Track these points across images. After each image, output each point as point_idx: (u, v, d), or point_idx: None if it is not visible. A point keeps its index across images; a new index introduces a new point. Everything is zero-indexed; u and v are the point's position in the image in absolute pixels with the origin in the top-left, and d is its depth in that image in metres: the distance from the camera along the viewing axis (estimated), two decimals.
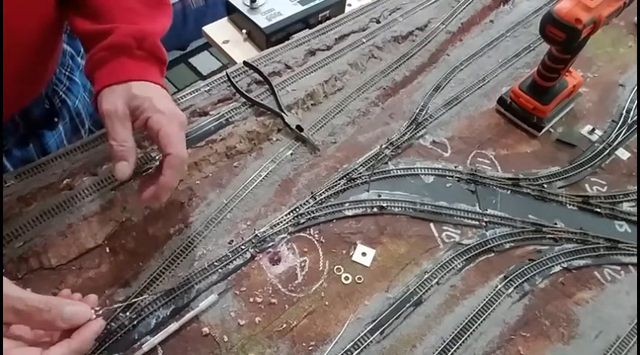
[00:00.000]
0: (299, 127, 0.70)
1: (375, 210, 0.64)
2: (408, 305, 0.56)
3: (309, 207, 0.63)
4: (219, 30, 1.14)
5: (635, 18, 0.95)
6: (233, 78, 0.75)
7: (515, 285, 0.59)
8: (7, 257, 0.54)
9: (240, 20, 1.11)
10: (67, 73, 0.70)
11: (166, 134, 0.48)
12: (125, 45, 0.52)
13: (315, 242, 0.60)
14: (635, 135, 0.77)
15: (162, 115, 0.49)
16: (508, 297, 0.58)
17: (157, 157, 0.64)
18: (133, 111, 0.50)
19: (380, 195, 0.65)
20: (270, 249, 0.59)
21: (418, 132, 0.73)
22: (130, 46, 0.52)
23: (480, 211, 0.65)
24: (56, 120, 0.69)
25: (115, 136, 0.49)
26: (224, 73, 0.75)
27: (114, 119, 0.49)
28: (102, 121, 0.50)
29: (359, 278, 0.58)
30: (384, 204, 0.64)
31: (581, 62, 0.84)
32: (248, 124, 0.69)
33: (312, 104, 0.75)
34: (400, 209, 0.64)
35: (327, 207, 0.63)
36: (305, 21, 1.09)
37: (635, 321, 0.58)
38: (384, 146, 0.71)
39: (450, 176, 0.69)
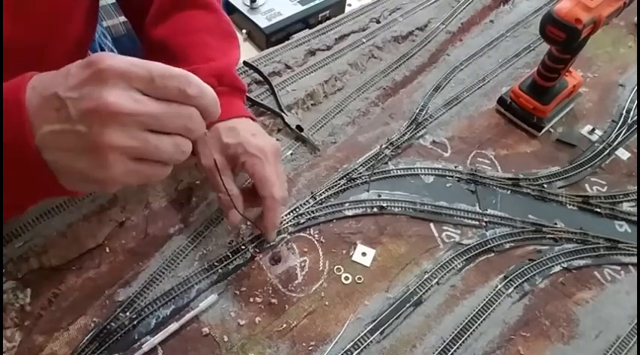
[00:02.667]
0: (299, 127, 0.70)
1: (375, 210, 0.64)
2: (408, 305, 0.56)
3: (309, 207, 0.63)
4: None
5: (635, 18, 0.95)
6: None
7: (515, 285, 0.59)
8: (7, 257, 0.54)
9: (240, 20, 1.11)
10: None
11: (260, 178, 0.51)
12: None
13: (315, 242, 0.60)
14: (635, 135, 0.77)
15: (256, 158, 0.51)
16: (508, 297, 0.58)
17: None
18: (231, 159, 0.52)
19: (380, 195, 0.65)
20: (270, 249, 0.59)
21: (418, 132, 0.73)
22: (211, 85, 0.53)
23: (480, 211, 0.65)
24: None
25: (219, 188, 0.51)
26: None
27: (215, 172, 0.50)
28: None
29: (359, 278, 0.58)
30: (384, 204, 0.64)
31: (581, 62, 0.84)
32: None
33: (312, 104, 0.75)
34: (400, 209, 0.64)
35: (327, 207, 0.63)
36: (305, 21, 1.09)
37: (635, 321, 0.58)
38: (384, 146, 0.71)
39: (450, 176, 0.69)
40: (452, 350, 0.53)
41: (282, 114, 0.71)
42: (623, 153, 0.75)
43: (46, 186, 0.35)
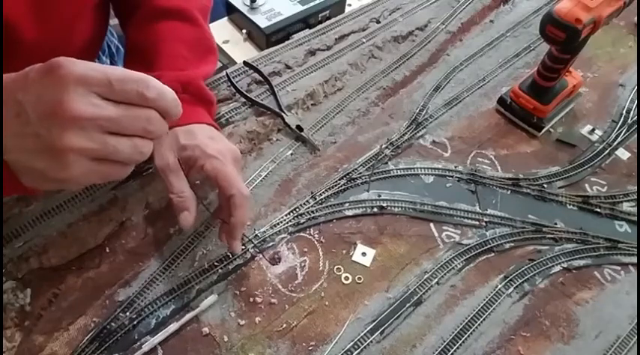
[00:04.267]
0: (299, 127, 0.70)
1: (375, 210, 0.64)
2: (408, 305, 0.56)
3: (309, 207, 0.63)
4: (219, 30, 1.14)
5: (635, 18, 0.95)
6: (233, 78, 0.75)
7: (515, 285, 0.59)
8: (7, 257, 0.54)
9: (240, 20, 1.11)
10: None
11: (224, 177, 0.50)
12: None
13: (315, 242, 0.60)
14: (635, 135, 0.77)
15: (215, 160, 0.51)
16: (508, 297, 0.58)
17: None
18: (186, 161, 0.51)
19: (380, 195, 0.65)
20: (270, 249, 0.59)
21: (418, 132, 0.73)
22: (175, 90, 0.54)
23: (480, 211, 0.65)
24: None
25: (171, 189, 0.50)
26: (224, 73, 0.75)
27: (167, 173, 0.50)
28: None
29: (359, 278, 0.58)
30: (384, 204, 0.64)
31: (581, 62, 0.84)
32: (248, 124, 0.69)
33: (312, 104, 0.75)
34: (400, 209, 0.64)
35: (327, 207, 0.63)
36: (305, 21, 1.09)
37: (635, 321, 0.58)
38: (384, 146, 0.71)
39: (450, 176, 0.69)
40: (452, 350, 0.53)
41: (282, 114, 0.71)
42: (623, 153, 0.75)
43: (8, 185, 0.36)
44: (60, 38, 0.52)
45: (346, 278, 0.58)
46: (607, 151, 0.75)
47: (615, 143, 0.76)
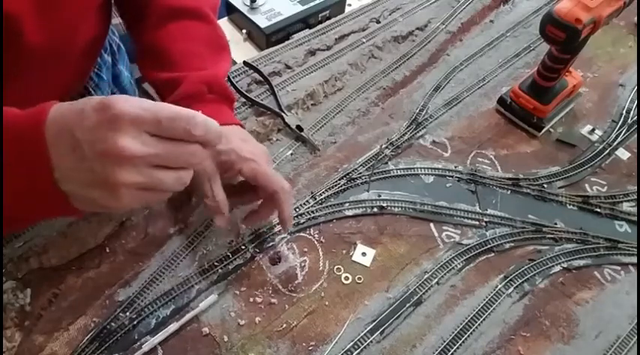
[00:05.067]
0: (299, 127, 0.70)
1: (375, 210, 0.64)
2: (408, 305, 0.56)
3: (309, 207, 0.63)
4: None
5: (635, 18, 0.95)
6: (233, 78, 0.75)
7: (515, 285, 0.59)
8: (7, 257, 0.54)
9: (240, 20, 1.11)
10: (96, 70, 0.72)
11: (263, 177, 0.52)
12: (197, 92, 0.56)
13: (315, 242, 0.60)
14: (635, 135, 0.77)
15: (252, 162, 0.52)
16: (508, 297, 0.58)
17: None
18: (222, 165, 0.52)
19: (380, 195, 0.65)
20: (270, 249, 0.59)
21: (418, 132, 0.73)
22: (201, 92, 0.56)
23: (480, 211, 0.65)
24: None
25: (208, 193, 0.52)
26: None
27: (203, 179, 0.51)
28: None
29: (359, 278, 0.58)
30: (384, 204, 0.64)
31: (581, 62, 0.84)
32: (248, 124, 0.69)
33: (312, 104, 0.75)
34: (400, 209, 0.64)
35: (327, 207, 0.63)
36: (305, 21, 1.09)
37: (635, 321, 0.58)
38: (384, 146, 0.71)
39: (450, 176, 0.69)
40: (452, 350, 0.53)
41: (282, 114, 0.71)
42: (623, 153, 0.75)
43: (59, 208, 0.39)
44: (63, 39, 0.53)
45: (346, 278, 0.58)
46: (607, 151, 0.75)
47: (615, 143, 0.76)
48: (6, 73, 0.47)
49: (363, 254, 0.60)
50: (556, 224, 0.66)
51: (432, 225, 0.63)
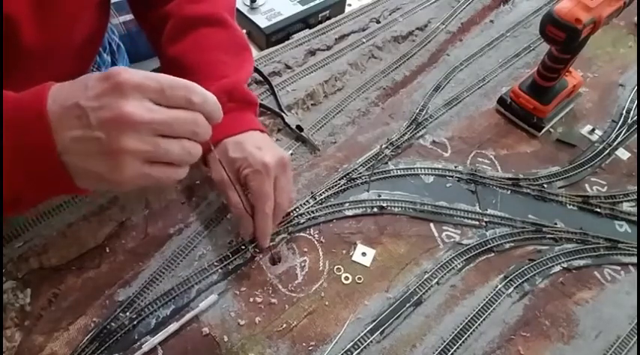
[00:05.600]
0: (299, 127, 0.70)
1: (375, 210, 0.64)
2: (408, 305, 0.56)
3: (309, 207, 0.63)
4: None
5: (635, 18, 0.95)
6: None
7: (515, 285, 0.59)
8: (7, 257, 0.54)
9: (240, 20, 1.11)
10: (94, 69, 0.72)
11: (256, 193, 0.53)
12: None
13: (315, 242, 0.60)
14: (635, 135, 0.77)
15: (257, 174, 0.53)
16: (508, 297, 0.58)
17: None
18: (236, 173, 0.54)
19: (380, 195, 0.65)
20: (270, 249, 0.59)
21: (418, 132, 0.73)
22: (221, 103, 0.55)
23: (480, 211, 0.65)
24: None
25: (229, 202, 0.54)
26: None
27: (224, 187, 0.54)
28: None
29: (359, 278, 0.58)
30: (384, 204, 0.64)
31: (581, 62, 0.84)
32: None
33: (312, 104, 0.75)
34: (400, 209, 0.64)
35: (327, 207, 0.63)
36: (305, 21, 1.09)
37: (635, 321, 0.58)
38: (384, 146, 0.71)
39: (450, 176, 0.69)
40: (452, 350, 0.53)
41: (282, 114, 0.71)
42: (623, 153, 0.75)
43: (61, 186, 0.39)
44: (60, 36, 0.53)
45: (346, 278, 0.58)
46: (607, 151, 0.75)
47: (615, 143, 0.76)
48: (3, 73, 0.47)
49: (363, 254, 0.60)
50: (556, 224, 0.66)
51: (432, 225, 0.63)
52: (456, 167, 0.70)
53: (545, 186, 0.69)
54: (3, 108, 0.36)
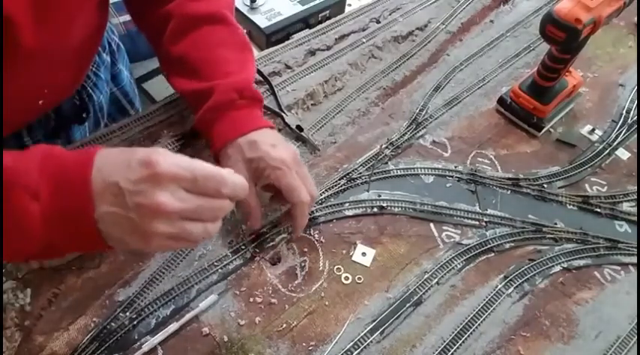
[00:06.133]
0: (299, 127, 0.70)
1: (375, 210, 0.64)
2: (408, 305, 0.56)
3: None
4: None
5: (635, 18, 0.95)
6: None
7: (515, 285, 0.59)
8: None
9: (240, 20, 1.10)
10: (93, 69, 0.72)
11: (287, 187, 0.54)
12: (229, 100, 0.58)
13: (315, 242, 0.60)
14: (635, 135, 0.77)
15: (279, 170, 0.54)
16: (508, 297, 0.58)
17: None
18: (254, 171, 0.56)
19: (380, 195, 0.65)
20: (270, 249, 0.59)
21: (418, 132, 0.73)
22: (233, 99, 0.58)
23: (480, 211, 0.65)
24: (85, 115, 0.72)
25: (240, 201, 0.53)
26: None
27: None
28: None
29: (359, 278, 0.58)
30: (384, 204, 0.64)
31: (581, 62, 0.84)
32: None
33: (312, 104, 0.75)
34: (400, 209, 0.64)
35: (327, 207, 0.63)
36: (305, 21, 1.09)
37: (635, 321, 0.58)
38: (384, 146, 0.71)
39: (450, 176, 0.69)
40: (452, 350, 0.53)
41: (282, 114, 0.71)
42: (623, 153, 0.75)
43: (93, 245, 0.42)
44: (60, 36, 0.53)
45: (346, 278, 0.58)
46: (607, 151, 0.75)
47: (615, 143, 0.76)
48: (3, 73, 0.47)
49: (363, 254, 0.60)
50: (556, 224, 0.66)
51: (432, 225, 0.63)
52: (456, 167, 0.70)
53: (545, 186, 0.69)
54: (51, 161, 0.40)
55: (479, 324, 0.56)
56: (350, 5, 1.18)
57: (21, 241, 0.40)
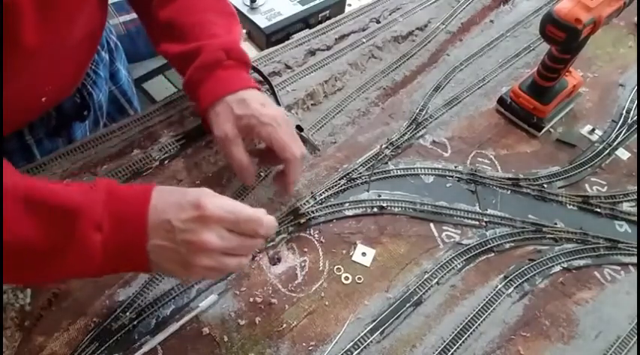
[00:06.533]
0: (299, 127, 0.70)
1: (375, 210, 0.64)
2: (408, 305, 0.56)
3: (309, 207, 0.63)
4: None
5: (635, 18, 0.95)
6: None
7: (515, 285, 0.59)
8: None
9: (240, 20, 1.11)
10: (93, 67, 0.72)
11: (277, 142, 0.56)
12: (217, 59, 0.58)
13: (315, 242, 0.60)
14: (635, 135, 0.77)
15: (270, 127, 0.56)
16: (508, 297, 0.58)
17: (156, 157, 0.64)
18: (243, 129, 0.56)
19: (380, 195, 0.65)
20: (270, 249, 0.59)
21: (418, 132, 0.73)
22: (221, 59, 0.59)
23: (480, 211, 0.65)
24: (86, 113, 0.72)
25: (231, 157, 0.57)
26: None
27: (227, 143, 0.56)
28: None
29: (359, 278, 0.58)
30: (384, 204, 0.64)
31: (581, 62, 0.84)
32: None
33: (312, 104, 0.75)
34: (400, 209, 0.64)
35: (327, 207, 0.63)
36: (305, 21, 1.09)
37: (635, 321, 0.58)
38: (384, 146, 0.71)
39: (450, 176, 0.69)
40: (452, 350, 0.53)
41: None
42: (623, 153, 0.75)
43: (138, 269, 0.50)
44: (61, 34, 0.53)
45: (346, 278, 0.58)
46: (607, 151, 0.75)
47: (615, 143, 0.76)
48: (3, 70, 0.47)
49: (363, 254, 0.60)
50: (556, 224, 0.66)
51: (432, 225, 0.63)
52: (456, 167, 0.70)
53: (545, 186, 0.69)
54: (114, 196, 0.44)
55: (479, 324, 0.56)
56: (350, 5, 1.18)
57: (81, 265, 0.43)
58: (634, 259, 0.64)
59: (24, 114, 0.62)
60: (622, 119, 0.79)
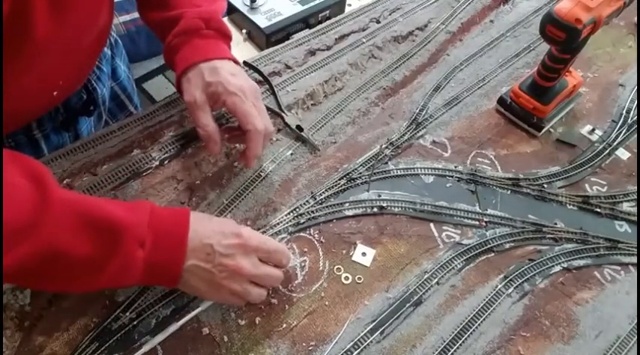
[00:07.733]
0: (299, 127, 0.70)
1: (375, 210, 0.64)
2: (408, 305, 0.56)
3: (309, 207, 0.63)
4: None
5: (635, 18, 0.95)
6: None
7: (515, 285, 0.59)
8: None
9: (240, 20, 1.10)
10: (97, 63, 0.72)
11: (242, 113, 0.56)
12: (195, 27, 0.60)
13: (315, 242, 0.60)
14: (635, 135, 0.77)
15: (235, 96, 0.56)
16: (508, 297, 0.58)
17: (156, 157, 0.64)
18: (211, 96, 0.57)
19: (380, 195, 0.65)
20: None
21: (418, 132, 0.73)
22: (199, 27, 0.60)
23: (480, 211, 0.65)
24: (92, 108, 0.73)
25: (198, 123, 0.58)
26: None
27: (194, 108, 0.57)
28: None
29: (359, 278, 0.58)
30: (384, 204, 0.64)
31: (581, 62, 0.84)
32: None
33: (312, 104, 0.75)
34: (400, 209, 0.64)
35: (327, 207, 0.63)
36: (305, 21, 1.09)
37: (635, 321, 0.58)
38: (384, 146, 0.71)
39: (450, 176, 0.69)
40: (452, 350, 0.53)
41: (282, 114, 0.71)
42: (623, 153, 0.75)
43: (167, 285, 0.52)
44: (73, 33, 0.53)
45: (346, 278, 0.58)
46: (607, 151, 0.75)
47: (615, 143, 0.76)
48: (14, 65, 0.48)
49: (363, 254, 0.60)
50: (556, 224, 0.66)
51: (432, 225, 0.63)
52: (456, 167, 0.70)
53: (545, 186, 0.69)
54: (156, 218, 0.47)
55: (479, 324, 0.56)
56: (350, 5, 1.18)
57: (121, 278, 0.46)
58: (634, 259, 0.64)
59: (36, 107, 0.63)
60: (622, 119, 0.79)
